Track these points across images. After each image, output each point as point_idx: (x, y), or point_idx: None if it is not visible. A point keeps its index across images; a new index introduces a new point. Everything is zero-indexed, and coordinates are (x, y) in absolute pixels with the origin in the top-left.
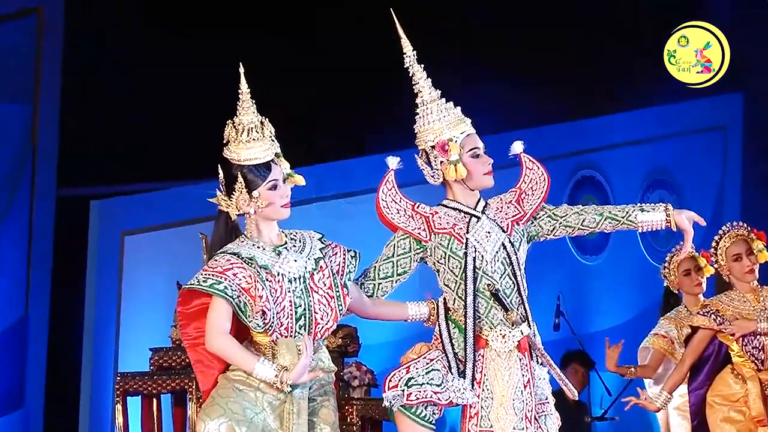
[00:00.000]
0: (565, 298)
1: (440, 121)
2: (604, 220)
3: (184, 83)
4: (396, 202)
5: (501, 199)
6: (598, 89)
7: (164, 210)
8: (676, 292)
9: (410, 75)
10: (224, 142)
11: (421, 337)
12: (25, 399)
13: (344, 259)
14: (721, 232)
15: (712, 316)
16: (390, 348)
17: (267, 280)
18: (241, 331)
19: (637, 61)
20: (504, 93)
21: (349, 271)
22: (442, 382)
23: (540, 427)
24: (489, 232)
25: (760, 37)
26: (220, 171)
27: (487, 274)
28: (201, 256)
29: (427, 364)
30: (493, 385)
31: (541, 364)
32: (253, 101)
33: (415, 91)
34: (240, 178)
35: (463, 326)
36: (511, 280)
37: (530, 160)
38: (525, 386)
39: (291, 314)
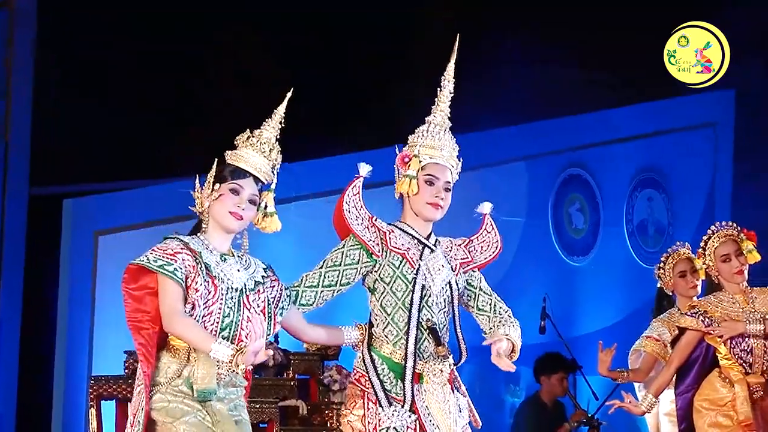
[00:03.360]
0: (551, 300)
1: (429, 143)
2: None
3: (160, 81)
4: (357, 209)
5: (451, 241)
6: (586, 86)
7: (138, 209)
8: (670, 293)
9: (439, 95)
10: (234, 144)
11: None
12: None
13: (281, 294)
14: (709, 231)
15: (700, 317)
16: None
17: (205, 279)
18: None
19: (626, 57)
20: (491, 90)
21: (282, 307)
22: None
23: None
24: (442, 267)
25: (751, 34)
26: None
27: (428, 306)
28: None
29: None
30: (435, 418)
31: (460, 392)
32: (281, 125)
33: (432, 110)
34: (216, 169)
35: (392, 357)
36: (444, 317)
37: (491, 225)
38: (457, 416)
39: (217, 321)
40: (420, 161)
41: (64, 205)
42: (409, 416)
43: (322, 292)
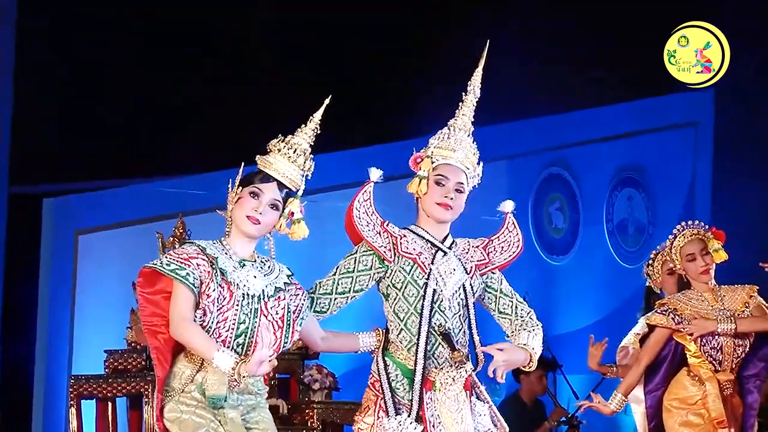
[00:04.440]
0: (531, 299)
1: (443, 145)
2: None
3: (140, 81)
4: (368, 215)
5: (468, 242)
6: (567, 85)
7: (119, 209)
8: (659, 291)
9: (464, 99)
10: (267, 150)
11: None
12: None
13: (303, 303)
14: (675, 231)
15: (670, 314)
16: None
17: (220, 284)
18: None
19: (606, 57)
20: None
21: (303, 317)
22: None
23: None
24: (454, 270)
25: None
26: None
27: (442, 310)
28: (157, 256)
29: None
30: (446, 429)
31: (480, 399)
32: (316, 132)
33: (456, 113)
34: (243, 172)
35: (406, 363)
36: (461, 320)
37: (513, 224)
38: (474, 426)
39: (232, 328)
40: (432, 162)
41: (44, 204)
42: (414, 428)
43: (336, 299)
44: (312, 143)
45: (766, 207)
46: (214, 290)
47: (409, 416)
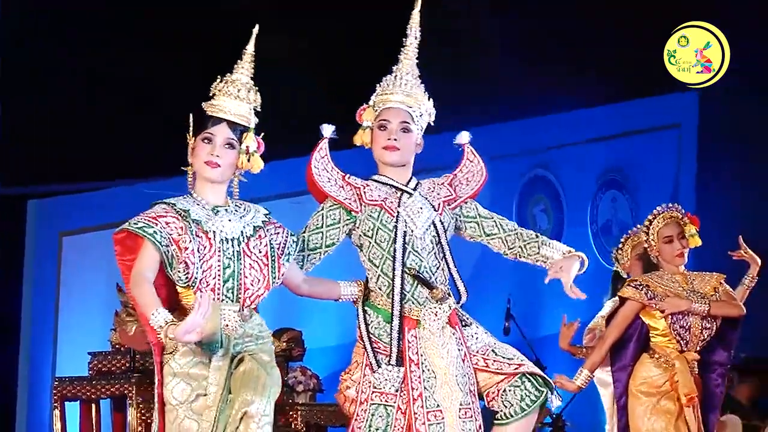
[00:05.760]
0: (515, 301)
1: (382, 91)
2: (518, 248)
3: (126, 83)
4: (327, 171)
5: (433, 181)
6: (552, 87)
7: (103, 210)
8: (626, 276)
9: (405, 43)
10: (210, 94)
11: None
12: None
13: (286, 239)
14: (655, 212)
15: (643, 289)
16: (335, 352)
17: (197, 235)
18: (171, 293)
19: (591, 58)
20: (457, 90)
21: (288, 253)
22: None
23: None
24: (421, 209)
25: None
26: None
27: (416, 251)
28: None
29: (365, 412)
30: (432, 364)
31: (467, 324)
32: (253, 65)
33: (400, 56)
34: (193, 122)
35: (386, 309)
36: (437, 258)
37: (472, 152)
38: (463, 360)
39: (218, 275)
40: (375, 110)
41: (28, 205)
42: (396, 372)
43: (308, 255)
44: (252, 75)
45: (750, 208)
46: (190, 242)
47: (389, 362)
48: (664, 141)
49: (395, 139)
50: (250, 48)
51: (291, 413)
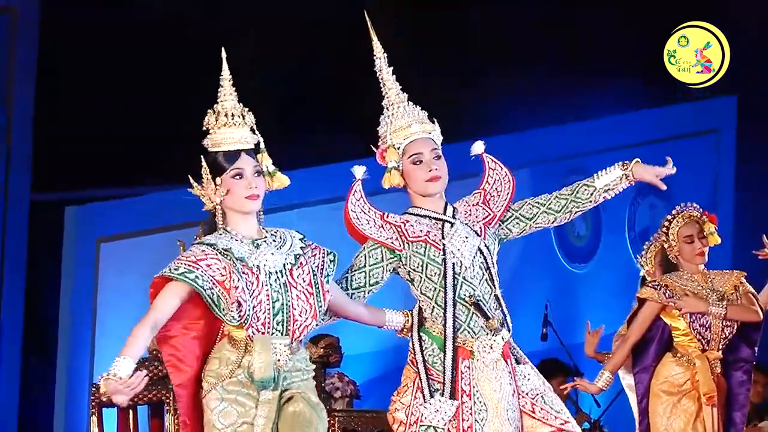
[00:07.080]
0: (552, 307)
1: (396, 126)
2: (569, 203)
3: (164, 90)
4: (365, 213)
5: (467, 202)
6: (589, 93)
7: (141, 216)
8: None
9: (379, 77)
10: (204, 129)
11: (404, 347)
12: None
13: (323, 261)
14: (674, 212)
15: (662, 289)
16: (373, 358)
17: (243, 272)
18: (213, 330)
19: (628, 63)
20: (492, 97)
21: (328, 273)
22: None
23: (539, 414)
24: (467, 237)
25: (755, 39)
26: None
27: (467, 281)
28: None
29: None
30: (484, 396)
31: (520, 362)
32: (234, 89)
33: (383, 93)
34: (207, 164)
35: (440, 336)
36: (488, 285)
37: (492, 160)
38: (513, 394)
39: (268, 309)
40: (397, 148)
41: (66, 212)
42: (450, 405)
43: (352, 295)
44: (236, 98)
45: None
46: (239, 280)
47: (443, 395)
48: (702, 146)
49: (436, 169)
50: (226, 73)
51: (328, 419)
